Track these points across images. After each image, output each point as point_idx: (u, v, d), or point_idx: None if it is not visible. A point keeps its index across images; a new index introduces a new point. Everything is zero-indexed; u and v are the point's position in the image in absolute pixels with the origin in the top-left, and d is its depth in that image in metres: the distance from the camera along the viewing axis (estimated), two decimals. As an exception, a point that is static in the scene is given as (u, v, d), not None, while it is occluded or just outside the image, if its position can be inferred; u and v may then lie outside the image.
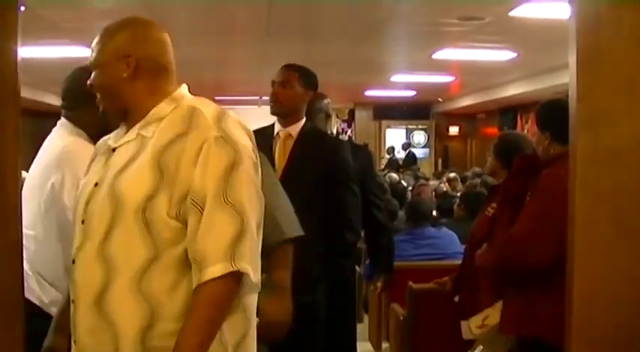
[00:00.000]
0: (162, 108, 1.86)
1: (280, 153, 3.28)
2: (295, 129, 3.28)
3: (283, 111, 3.29)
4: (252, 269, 1.74)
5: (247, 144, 1.82)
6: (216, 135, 1.76)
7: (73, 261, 1.83)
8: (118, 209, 1.76)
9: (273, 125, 3.35)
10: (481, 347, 3.12)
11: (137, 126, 1.86)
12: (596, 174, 1.99)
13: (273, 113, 3.34)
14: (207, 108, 1.84)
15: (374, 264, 4.05)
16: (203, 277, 1.70)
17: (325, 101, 3.75)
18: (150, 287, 1.73)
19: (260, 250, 1.82)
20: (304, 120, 3.31)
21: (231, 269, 1.69)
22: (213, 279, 1.69)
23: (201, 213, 1.72)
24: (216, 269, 1.69)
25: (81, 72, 2.61)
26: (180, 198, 1.73)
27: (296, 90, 3.26)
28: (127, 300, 1.74)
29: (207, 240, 1.71)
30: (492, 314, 2.93)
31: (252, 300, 1.87)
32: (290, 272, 2.48)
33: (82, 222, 1.83)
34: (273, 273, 2.38)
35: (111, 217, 1.77)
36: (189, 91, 1.94)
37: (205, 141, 1.75)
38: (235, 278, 1.72)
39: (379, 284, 4.00)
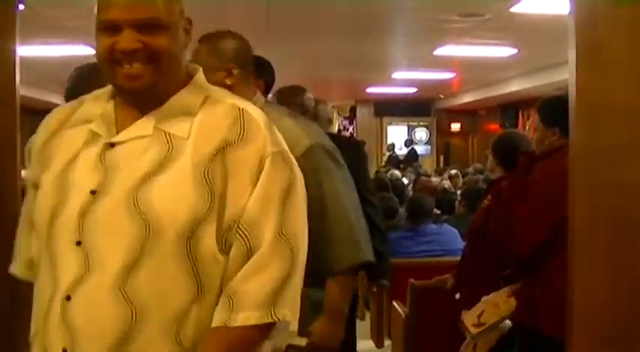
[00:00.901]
0: (188, 98, 1.47)
1: None
2: None
3: None
4: (293, 316, 1.44)
5: (292, 157, 1.50)
6: (273, 150, 1.44)
7: (68, 298, 1.37)
8: (148, 233, 1.36)
9: None
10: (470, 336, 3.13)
11: (151, 116, 1.44)
12: (596, 169, 1.99)
13: None
14: (254, 111, 1.49)
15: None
16: (233, 321, 1.39)
17: (307, 95, 3.63)
18: (189, 335, 1.39)
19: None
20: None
21: (269, 320, 1.40)
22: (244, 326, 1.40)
23: (246, 246, 1.41)
24: (251, 317, 1.39)
25: (86, 69, 2.62)
26: (230, 224, 1.41)
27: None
28: None
29: (251, 281, 1.40)
30: (487, 310, 2.93)
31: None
32: (350, 298, 2.28)
33: (78, 243, 1.38)
34: (333, 295, 2.17)
35: (135, 242, 1.36)
36: None
37: (263, 159, 1.42)
38: (270, 326, 1.43)
39: (375, 290, 3.98)
